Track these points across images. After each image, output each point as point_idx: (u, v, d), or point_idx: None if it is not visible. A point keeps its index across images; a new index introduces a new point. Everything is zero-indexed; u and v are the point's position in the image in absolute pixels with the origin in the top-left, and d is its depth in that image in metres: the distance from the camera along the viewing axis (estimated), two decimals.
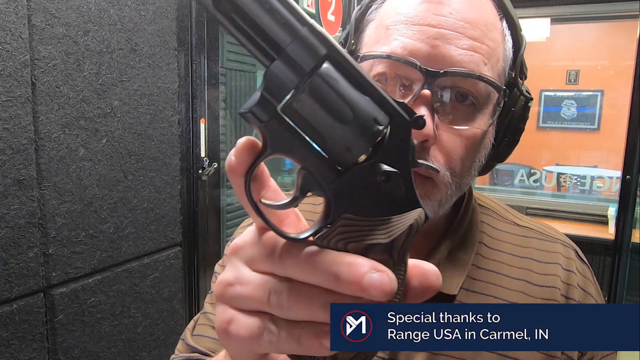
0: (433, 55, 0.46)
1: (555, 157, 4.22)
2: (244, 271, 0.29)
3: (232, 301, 0.29)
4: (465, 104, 0.48)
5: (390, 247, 0.27)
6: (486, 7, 0.50)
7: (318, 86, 0.26)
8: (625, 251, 2.07)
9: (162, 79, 1.47)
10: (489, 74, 0.48)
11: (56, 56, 1.15)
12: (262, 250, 0.28)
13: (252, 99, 0.26)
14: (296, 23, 0.25)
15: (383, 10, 0.52)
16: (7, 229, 1.07)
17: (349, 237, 0.27)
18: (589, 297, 0.56)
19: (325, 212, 0.28)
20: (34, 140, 1.11)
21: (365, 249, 0.27)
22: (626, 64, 3.33)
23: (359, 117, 0.27)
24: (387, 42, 0.48)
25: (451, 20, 0.47)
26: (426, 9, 0.48)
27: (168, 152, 1.51)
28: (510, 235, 0.59)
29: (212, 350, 0.56)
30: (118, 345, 1.38)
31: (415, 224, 0.27)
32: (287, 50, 0.25)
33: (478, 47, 0.47)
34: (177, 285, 1.59)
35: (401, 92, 0.48)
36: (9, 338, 1.09)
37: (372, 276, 0.25)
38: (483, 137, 0.51)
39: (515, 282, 0.54)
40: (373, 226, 0.27)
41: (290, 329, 0.27)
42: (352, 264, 0.25)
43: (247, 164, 0.27)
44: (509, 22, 0.52)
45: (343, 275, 0.25)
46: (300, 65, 0.26)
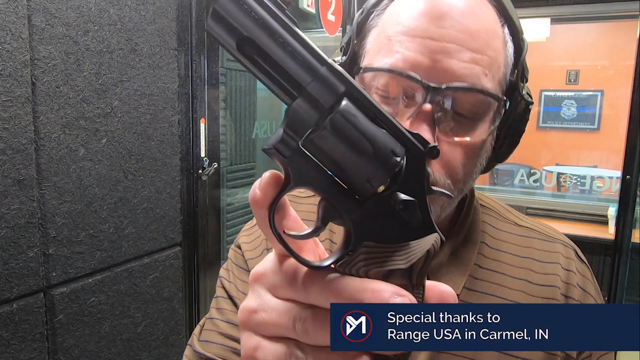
0: (434, 69, 0.46)
1: (555, 157, 4.22)
2: (267, 298, 0.30)
3: (257, 328, 0.30)
4: (466, 116, 0.49)
5: (410, 272, 0.28)
6: (488, 15, 0.50)
7: (338, 122, 0.27)
8: (625, 251, 2.07)
9: (162, 79, 1.47)
10: (489, 85, 0.48)
11: (56, 56, 1.15)
12: (284, 278, 0.29)
13: (274, 136, 0.27)
14: (316, 63, 0.27)
15: (385, 17, 0.52)
16: (7, 229, 1.07)
17: (369, 264, 0.28)
18: (589, 296, 0.56)
19: (345, 241, 0.29)
20: (34, 140, 1.11)
21: (385, 275, 0.28)
22: (626, 64, 3.33)
23: (378, 150, 0.28)
24: (388, 53, 0.48)
25: (452, 32, 0.47)
26: (428, 20, 0.47)
27: (168, 152, 1.51)
28: (512, 235, 0.59)
29: (219, 356, 0.56)
30: (118, 345, 1.38)
31: (432, 248, 0.29)
32: (308, 89, 0.27)
33: (479, 59, 0.47)
34: (177, 285, 1.59)
35: (404, 102, 0.49)
36: (9, 338, 1.09)
37: (395, 300, 0.26)
38: (483, 143, 0.51)
39: (516, 281, 0.55)
40: (392, 252, 0.29)
41: (317, 355, 0.27)
42: (376, 290, 0.26)
43: (272, 197, 0.28)
44: (511, 28, 0.52)
45: (368, 301, 0.26)
46: (321, 102, 0.27)
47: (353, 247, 0.28)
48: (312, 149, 0.27)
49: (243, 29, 0.25)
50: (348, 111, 0.27)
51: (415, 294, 0.28)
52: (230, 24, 0.25)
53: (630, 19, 2.64)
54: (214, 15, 0.25)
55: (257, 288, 0.31)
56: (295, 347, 0.28)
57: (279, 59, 0.26)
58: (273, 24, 0.26)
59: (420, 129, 0.46)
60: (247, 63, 0.27)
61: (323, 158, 0.28)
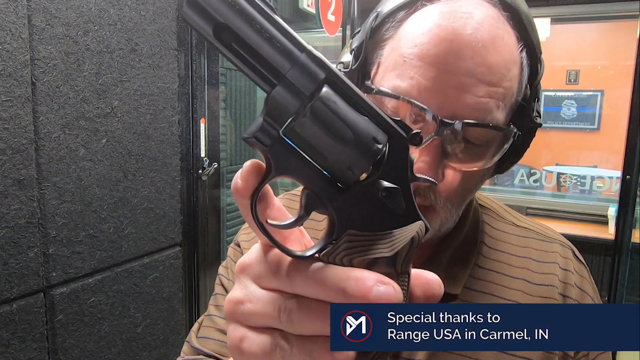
0: (447, 104, 0.46)
1: (555, 157, 4.22)
2: (252, 289, 0.30)
3: (243, 319, 0.30)
4: (475, 146, 0.48)
5: (394, 260, 0.28)
6: (508, 42, 0.48)
7: (319, 109, 0.27)
8: (625, 251, 2.07)
9: (162, 79, 1.47)
10: (500, 117, 0.47)
11: (56, 56, 1.15)
12: (268, 268, 0.29)
13: (254, 125, 0.27)
14: (295, 50, 0.26)
15: (401, 32, 0.49)
16: (7, 229, 1.07)
17: (353, 252, 0.28)
18: (586, 295, 0.56)
19: (329, 230, 0.29)
20: (34, 140, 1.11)
21: (370, 263, 0.28)
22: (626, 64, 3.33)
23: (359, 137, 0.27)
24: (402, 77, 0.47)
25: (471, 65, 0.45)
26: (447, 49, 0.45)
27: (168, 152, 1.51)
28: (510, 235, 0.60)
29: (217, 352, 0.57)
30: (118, 345, 1.38)
31: (416, 236, 0.28)
32: (287, 76, 0.26)
33: (494, 92, 0.46)
34: (177, 285, 1.59)
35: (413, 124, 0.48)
36: (9, 338, 1.09)
37: (379, 289, 0.26)
38: (489, 169, 0.52)
39: (515, 281, 0.55)
40: (376, 240, 0.28)
41: (302, 344, 0.27)
42: (359, 278, 0.26)
43: (253, 186, 0.27)
44: (530, 51, 0.50)
45: (351, 290, 0.26)
46: (301, 90, 0.27)
47: (337, 236, 0.28)
48: (293, 137, 0.27)
49: (219, 16, 0.25)
50: (329, 98, 0.27)
51: (400, 282, 0.27)
52: (206, 11, 0.25)
53: (630, 19, 2.63)
54: (190, 1, 0.25)
55: (243, 279, 0.31)
56: (281, 337, 0.28)
57: (256, 46, 0.26)
58: (250, 10, 0.25)
59: (426, 161, 0.46)
60: (225, 51, 0.26)
61: (304, 146, 0.27)
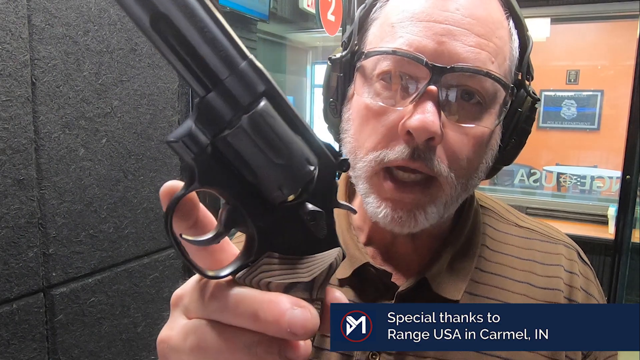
0: (439, 52, 0.45)
1: (555, 157, 4.22)
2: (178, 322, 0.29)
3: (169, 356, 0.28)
4: (472, 102, 0.47)
5: (311, 286, 0.27)
6: (493, 5, 0.49)
7: (256, 123, 0.25)
8: (625, 251, 2.06)
9: (162, 79, 1.47)
10: (496, 71, 0.47)
11: (56, 56, 1.15)
12: (197, 296, 0.28)
13: (182, 128, 0.25)
14: (237, 56, 0.25)
15: (388, 8, 0.51)
16: (7, 229, 1.07)
17: (271, 276, 0.27)
18: (592, 299, 0.55)
19: (247, 248, 0.28)
20: (34, 140, 1.11)
21: (287, 287, 0.27)
22: (626, 64, 3.33)
23: (293, 157, 0.26)
24: (392, 39, 0.47)
25: (458, 16, 0.46)
26: (432, 4, 0.46)
27: (168, 152, 1.51)
28: (512, 236, 0.58)
29: None
30: (118, 345, 1.38)
31: (334, 262, 0.28)
32: (225, 83, 0.25)
33: (485, 45, 0.46)
34: (177, 285, 1.58)
35: (408, 87, 0.47)
36: (9, 338, 1.09)
37: (294, 312, 0.24)
38: (490, 138, 0.50)
39: (518, 284, 0.54)
40: (295, 264, 0.27)
41: None
42: (273, 301, 0.25)
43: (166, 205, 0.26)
44: (516, 21, 0.51)
45: (263, 314, 0.24)
46: (238, 99, 0.25)
47: (255, 257, 0.27)
48: (224, 148, 0.25)
49: (159, 4, 0.23)
50: (267, 112, 0.25)
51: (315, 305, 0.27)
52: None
53: (630, 19, 2.63)
54: None
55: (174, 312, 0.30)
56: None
57: (195, 45, 0.24)
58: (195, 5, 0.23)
59: (424, 109, 0.44)
60: (160, 44, 0.24)
61: (235, 159, 0.25)
